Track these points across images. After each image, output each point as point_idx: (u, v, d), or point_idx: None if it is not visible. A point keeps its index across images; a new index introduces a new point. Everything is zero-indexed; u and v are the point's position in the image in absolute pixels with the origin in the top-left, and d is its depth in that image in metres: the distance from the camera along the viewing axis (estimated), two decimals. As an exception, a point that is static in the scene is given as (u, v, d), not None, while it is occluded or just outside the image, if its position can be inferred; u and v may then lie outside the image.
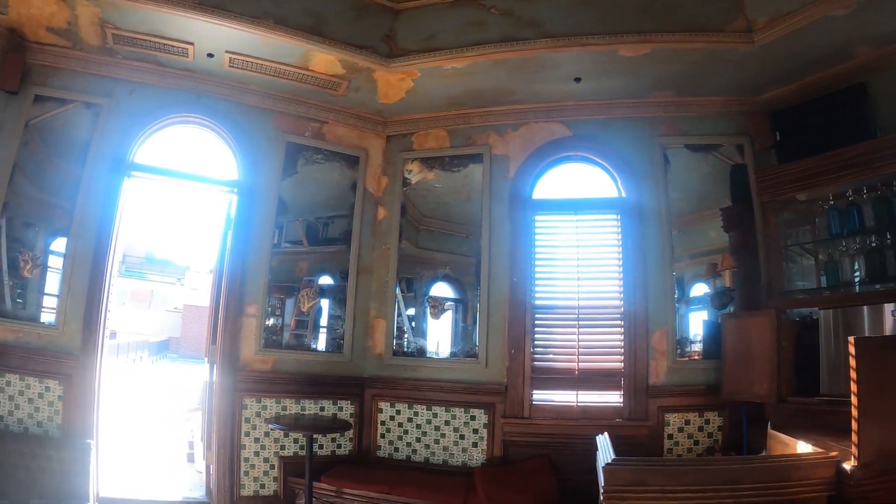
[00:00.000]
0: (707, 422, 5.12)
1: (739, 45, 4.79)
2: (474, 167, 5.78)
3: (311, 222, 5.77)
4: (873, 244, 4.66)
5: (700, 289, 5.42)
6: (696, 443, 5.11)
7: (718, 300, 5.23)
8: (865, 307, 4.46)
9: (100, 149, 5.12)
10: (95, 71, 5.19)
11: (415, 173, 5.95)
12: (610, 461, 3.05)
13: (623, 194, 5.56)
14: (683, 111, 5.59)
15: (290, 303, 5.64)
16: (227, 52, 5.04)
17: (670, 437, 5.13)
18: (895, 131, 4.59)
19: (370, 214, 5.93)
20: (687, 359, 5.26)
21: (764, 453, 4.28)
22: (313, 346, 5.66)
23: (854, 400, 2.90)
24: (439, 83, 5.36)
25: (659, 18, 4.73)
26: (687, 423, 5.13)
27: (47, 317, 4.89)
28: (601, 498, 2.97)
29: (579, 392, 5.28)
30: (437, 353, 5.66)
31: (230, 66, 5.24)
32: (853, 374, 2.92)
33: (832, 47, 4.89)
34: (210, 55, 5.10)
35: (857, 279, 4.73)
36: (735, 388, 4.85)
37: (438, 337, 5.72)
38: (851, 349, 2.93)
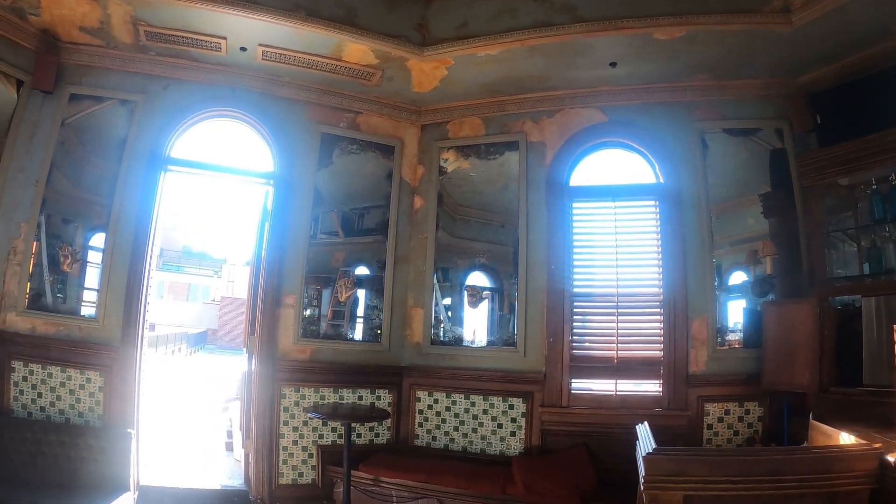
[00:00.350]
0: (747, 412, 5.07)
1: (777, 25, 4.69)
2: (510, 155, 5.76)
3: (347, 213, 5.80)
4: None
5: (739, 277, 5.35)
6: (736, 433, 5.06)
7: (759, 288, 5.14)
8: None
9: (136, 145, 5.21)
10: (129, 68, 5.27)
11: (450, 162, 5.94)
12: (651, 451, 3.04)
13: (661, 180, 5.50)
14: (721, 95, 5.49)
15: (326, 293, 5.69)
16: (259, 45, 5.07)
17: (710, 427, 5.09)
18: None
19: (406, 204, 5.95)
20: (727, 347, 5.20)
21: (805, 444, 4.22)
22: (350, 336, 5.71)
23: None
24: (473, 71, 5.34)
25: (694, 0, 4.65)
26: (727, 413, 5.08)
27: (87, 310, 5.02)
28: (641, 488, 2.96)
29: (618, 381, 5.26)
30: (473, 342, 5.68)
31: (263, 59, 5.27)
32: None
33: (872, 26, 4.72)
34: (243, 49, 5.14)
35: (902, 264, 4.62)
36: (776, 377, 4.79)
37: (475, 326, 5.74)
38: None
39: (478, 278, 5.74)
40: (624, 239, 5.45)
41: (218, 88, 5.48)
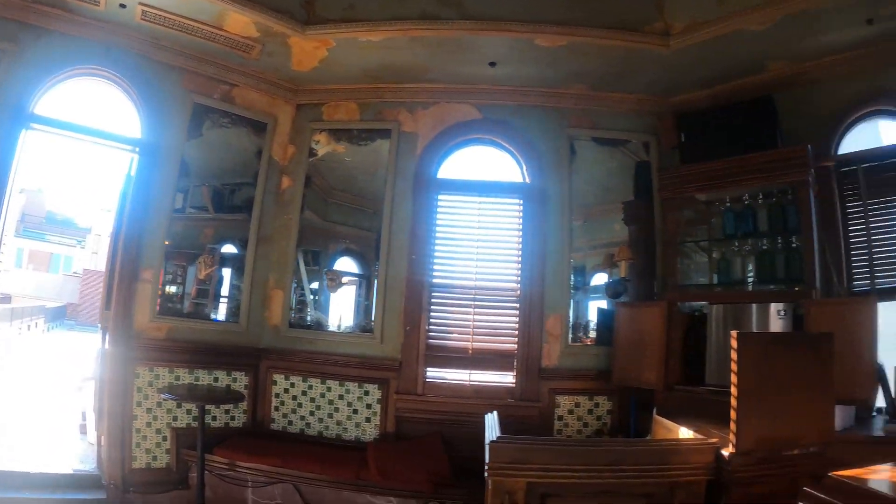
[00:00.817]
0: (597, 405, 5.31)
1: (656, 47, 4.97)
2: (382, 142, 5.77)
3: (218, 188, 5.61)
4: (764, 247, 4.95)
5: (601, 278, 5.62)
6: (586, 425, 5.29)
7: (613, 289, 5.40)
8: (755, 305, 4.67)
9: (-1, 96, 4.83)
10: (2, 13, 4.88)
11: (322, 144, 5.87)
12: (495, 438, 3.09)
13: (527, 180, 5.66)
14: (595, 105, 5.74)
15: (192, 270, 5.50)
16: (140, 3, 4.84)
17: (560, 418, 5.30)
18: (795, 144, 4.85)
19: (274, 183, 5.81)
20: (580, 344, 5.46)
21: (649, 438, 4.41)
22: (213, 316, 5.53)
23: (733, 390, 3.03)
24: (354, 55, 5.31)
25: (579, 12, 4.81)
26: (577, 406, 5.30)
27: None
28: (486, 474, 2.98)
29: (473, 371, 5.38)
30: (335, 327, 5.65)
31: (142, 19, 5.04)
32: (734, 367, 3.05)
33: (745, 59, 5.17)
34: (122, 5, 4.89)
35: (747, 279, 5.00)
36: (625, 374, 5.04)
37: (342, 311, 5.71)
38: (734, 343, 3.05)
39: (346, 264, 5.71)
40: (486, 234, 5.58)
41: (92, 45, 5.17)
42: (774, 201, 4.92)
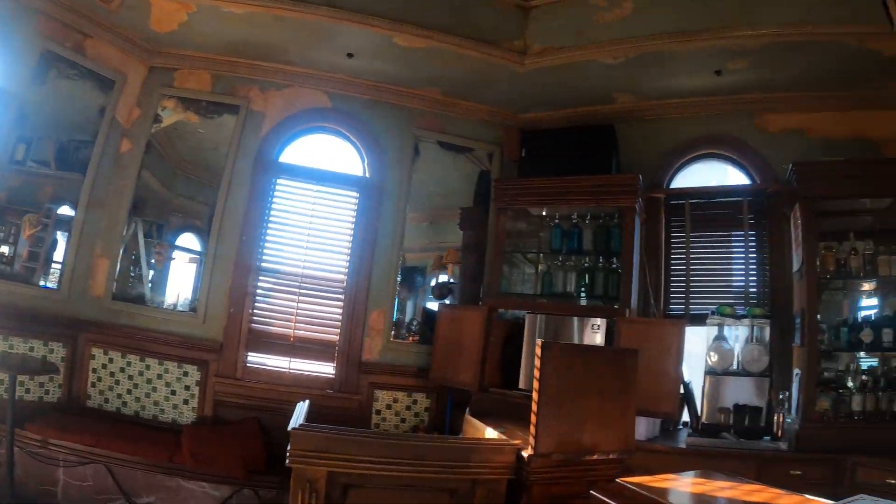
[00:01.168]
0: (415, 402, 5.44)
1: (511, 63, 5.18)
2: (229, 118, 5.63)
3: (64, 144, 5.28)
4: (587, 265, 5.24)
5: (443, 279, 5.71)
6: (404, 420, 5.41)
7: (439, 291, 5.58)
8: (576, 319, 4.89)
9: None
10: None
11: (170, 111, 5.67)
12: (298, 426, 3.08)
13: (367, 174, 5.74)
14: (446, 110, 5.91)
15: (27, 230, 5.18)
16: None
17: (378, 412, 5.39)
18: (629, 173, 5.23)
19: (114, 145, 5.50)
20: (402, 341, 5.58)
21: (461, 436, 4.53)
22: (42, 282, 5.21)
23: (535, 395, 3.15)
24: (214, 24, 5.14)
25: (443, 18, 4.92)
26: (396, 401, 5.41)
27: None
28: (286, 461, 2.97)
29: (293, 359, 5.37)
30: (170, 304, 5.48)
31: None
32: (536, 373, 3.18)
33: (594, 88, 5.52)
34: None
35: (568, 292, 5.26)
36: (443, 373, 5.21)
37: (180, 289, 5.53)
38: (538, 351, 3.20)
39: (189, 240, 5.55)
40: (320, 223, 5.58)
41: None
42: (601, 223, 5.23)
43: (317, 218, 5.56)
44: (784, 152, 5.17)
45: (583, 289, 5.20)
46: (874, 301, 4.82)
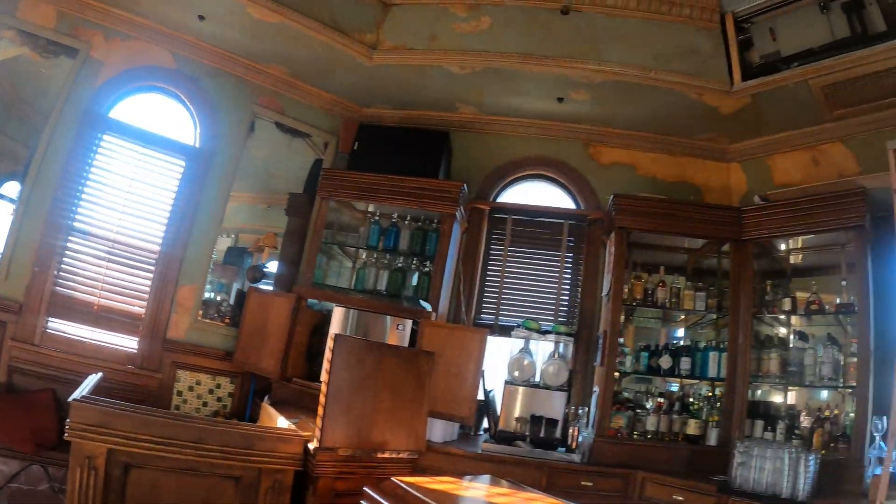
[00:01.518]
0: (219, 386, 5.33)
1: (359, 55, 5.19)
2: (66, 60, 5.08)
3: None
4: (399, 265, 5.43)
5: (273, 265, 5.69)
6: (206, 404, 5.28)
7: (252, 274, 5.49)
8: (389, 317, 4.93)
9: None
10: None
11: (7, 42, 4.99)
12: (80, 397, 2.96)
13: (197, 145, 5.51)
14: (289, 92, 5.83)
15: None
16: None
17: (180, 394, 5.21)
18: (455, 181, 5.43)
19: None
20: (211, 321, 5.43)
21: (248, 423, 4.51)
22: None
23: (323, 388, 3.19)
24: (69, -45, 4.74)
25: None
26: (198, 383, 5.27)
27: None
28: (66, 434, 2.84)
29: (97, 329, 4.99)
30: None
31: None
32: (326, 366, 3.22)
33: (438, 94, 5.67)
34: None
35: (378, 289, 5.41)
36: (246, 358, 5.15)
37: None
38: (330, 343, 3.23)
39: (13, 188, 5.08)
40: (140, 188, 5.23)
41: None
42: (420, 226, 5.45)
43: (138, 182, 5.22)
44: (612, 184, 5.60)
45: (388, 286, 5.37)
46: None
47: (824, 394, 4.48)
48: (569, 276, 5.74)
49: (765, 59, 4.65)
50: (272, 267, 5.67)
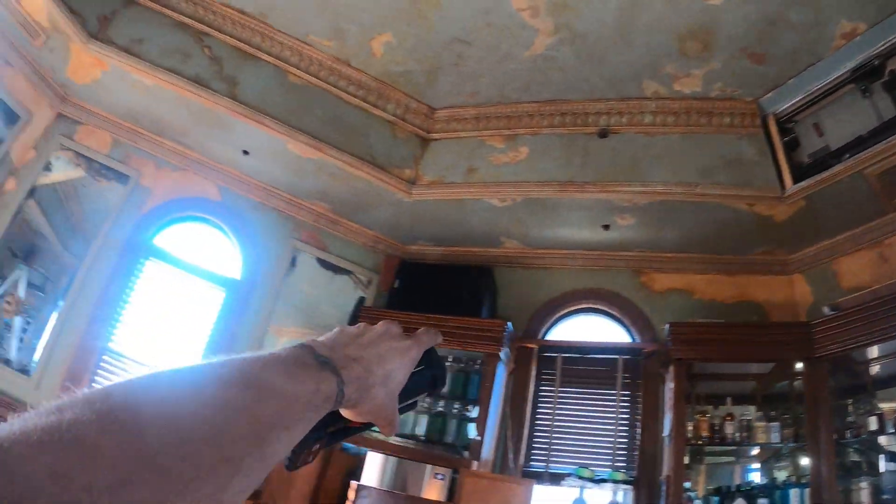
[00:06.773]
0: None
1: (398, 191, 5.20)
2: (117, 185, 5.35)
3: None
4: (440, 408, 5.10)
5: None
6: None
7: None
8: (428, 465, 4.66)
9: None
10: None
11: (63, 162, 5.29)
12: None
13: (239, 276, 5.57)
14: (331, 228, 5.90)
15: None
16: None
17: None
18: (504, 318, 5.23)
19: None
20: None
21: None
22: None
23: None
24: (125, 88, 5.04)
25: (335, 134, 4.97)
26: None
27: None
28: None
29: None
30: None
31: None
32: None
33: (480, 229, 5.57)
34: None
35: (418, 435, 5.01)
36: (273, 501, 4.72)
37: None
38: (351, 495, 3.58)
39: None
40: (178, 315, 5.29)
41: None
42: (462, 367, 5.14)
43: (177, 309, 5.30)
44: (668, 312, 5.15)
45: (428, 432, 5.00)
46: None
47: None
48: (626, 416, 5.18)
49: (814, 156, 4.26)
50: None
